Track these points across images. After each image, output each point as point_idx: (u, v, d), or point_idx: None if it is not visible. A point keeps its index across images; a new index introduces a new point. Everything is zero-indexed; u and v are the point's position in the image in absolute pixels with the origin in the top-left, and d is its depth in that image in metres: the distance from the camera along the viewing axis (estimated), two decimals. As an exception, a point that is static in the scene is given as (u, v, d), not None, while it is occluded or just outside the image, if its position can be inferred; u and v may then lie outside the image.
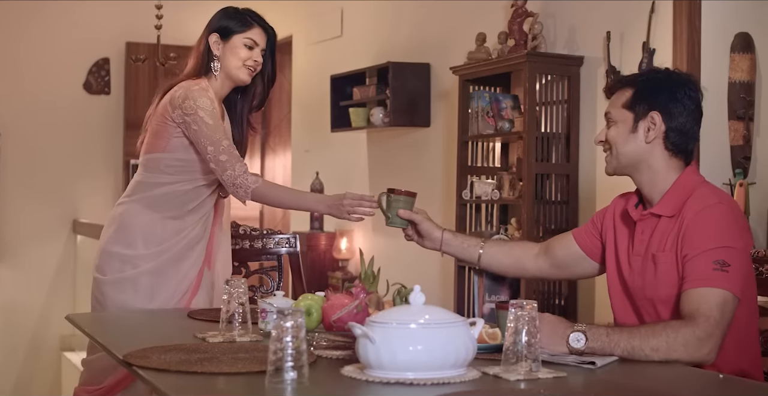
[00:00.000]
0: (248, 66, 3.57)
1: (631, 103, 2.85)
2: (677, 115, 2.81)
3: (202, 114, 3.43)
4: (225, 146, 3.43)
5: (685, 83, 2.86)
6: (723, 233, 2.68)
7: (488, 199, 5.60)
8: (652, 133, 2.82)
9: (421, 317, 2.20)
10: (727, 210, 2.73)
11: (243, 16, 3.60)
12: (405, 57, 6.72)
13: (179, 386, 2.17)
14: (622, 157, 2.88)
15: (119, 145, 8.98)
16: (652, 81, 2.88)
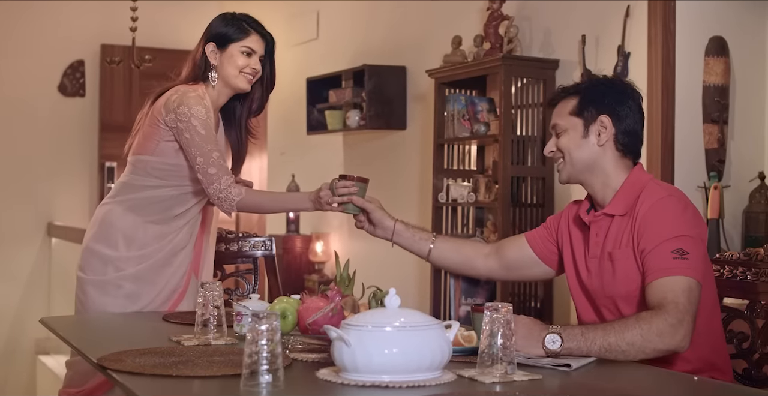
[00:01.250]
0: (246, 74, 3.53)
1: (578, 110, 2.89)
2: (625, 116, 2.87)
3: (195, 123, 3.39)
4: (215, 158, 3.38)
5: (627, 87, 2.93)
6: (677, 223, 2.71)
7: (464, 202, 5.60)
8: (604, 136, 2.87)
9: (396, 320, 2.20)
10: (677, 201, 2.77)
11: (240, 24, 3.55)
12: (381, 60, 6.73)
13: (154, 390, 2.16)
14: (576, 163, 2.91)
15: (94, 148, 8.94)
16: (595, 87, 2.94)
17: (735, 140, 4.67)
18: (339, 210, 3.32)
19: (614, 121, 2.86)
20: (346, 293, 2.65)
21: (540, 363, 2.45)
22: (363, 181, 3.33)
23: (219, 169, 3.38)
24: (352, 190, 3.29)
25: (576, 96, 2.92)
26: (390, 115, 6.63)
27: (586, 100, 2.90)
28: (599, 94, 2.90)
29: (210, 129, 3.40)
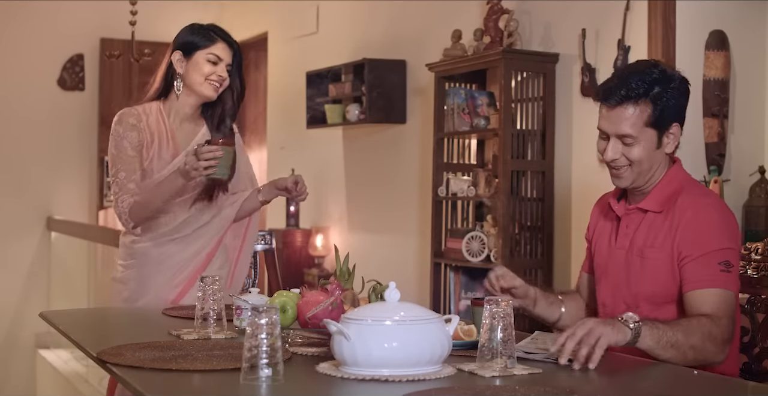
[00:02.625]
0: (212, 81, 3.54)
1: (654, 121, 2.74)
2: (685, 119, 2.83)
3: (115, 140, 3.50)
4: (120, 179, 3.47)
5: (685, 85, 2.81)
6: (723, 234, 2.70)
7: (464, 196, 5.60)
8: (672, 144, 2.80)
9: (396, 314, 2.20)
10: (722, 208, 2.75)
11: (206, 32, 3.57)
12: (381, 53, 6.72)
13: (153, 384, 2.16)
14: (645, 174, 2.81)
15: (94, 142, 8.94)
16: (665, 93, 2.75)
17: (735, 134, 4.67)
18: (206, 174, 3.30)
19: (682, 126, 2.81)
20: (345, 287, 2.65)
21: (539, 358, 2.45)
22: (229, 145, 3.30)
23: (120, 189, 3.46)
24: (217, 154, 3.26)
25: (649, 104, 2.73)
26: (390, 109, 6.62)
27: (660, 110, 2.74)
28: (670, 102, 2.75)
29: (126, 152, 3.48)
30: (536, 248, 5.28)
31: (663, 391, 2.22)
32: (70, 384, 7.34)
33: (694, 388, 2.29)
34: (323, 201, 7.56)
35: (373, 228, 6.93)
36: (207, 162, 3.25)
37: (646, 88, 2.74)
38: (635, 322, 2.45)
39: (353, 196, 7.26)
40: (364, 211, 7.12)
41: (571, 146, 5.22)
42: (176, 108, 3.59)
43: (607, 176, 2.95)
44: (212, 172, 3.29)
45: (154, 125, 3.54)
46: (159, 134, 3.54)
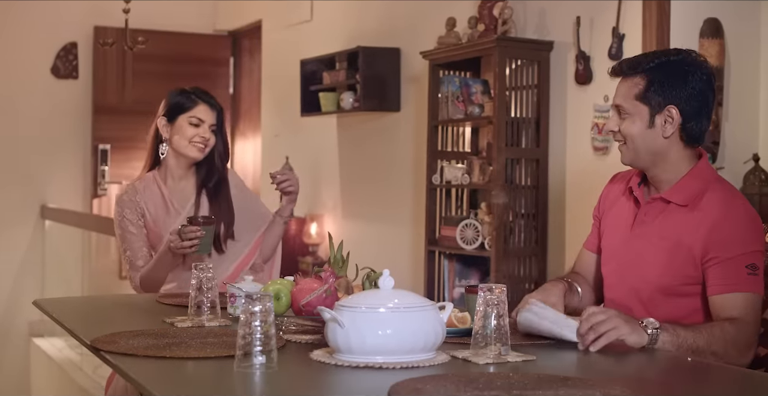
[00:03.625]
0: (195, 143, 3.70)
1: (644, 95, 2.73)
2: (693, 104, 2.72)
3: (116, 221, 3.74)
4: (128, 256, 3.70)
5: (696, 68, 2.74)
6: (751, 236, 2.68)
7: (458, 184, 5.60)
8: (670, 127, 2.72)
9: (390, 301, 2.20)
10: (750, 210, 2.73)
11: (187, 95, 3.74)
12: (375, 41, 6.71)
13: (147, 371, 2.16)
14: (640, 151, 2.77)
15: (88, 130, 8.92)
16: (663, 69, 2.73)
17: (729, 122, 4.67)
18: (190, 252, 3.50)
19: (681, 111, 2.70)
20: (339, 274, 2.65)
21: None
22: (209, 224, 3.50)
23: (130, 266, 3.71)
24: (198, 234, 3.45)
25: (643, 76, 2.73)
26: (384, 97, 6.62)
27: (653, 85, 2.71)
28: (667, 79, 2.71)
29: (127, 230, 3.71)
30: (530, 236, 5.28)
31: (658, 377, 2.22)
32: (64, 372, 7.34)
33: (688, 375, 2.29)
34: (317, 189, 7.56)
35: (368, 216, 6.93)
36: (190, 242, 3.45)
37: (645, 64, 2.74)
38: (654, 329, 2.46)
39: (347, 184, 7.25)
40: (358, 199, 7.12)
41: (566, 134, 5.22)
42: (169, 171, 3.78)
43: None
44: (194, 250, 3.49)
45: (150, 196, 3.74)
46: (155, 202, 3.74)
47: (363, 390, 2.03)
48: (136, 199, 3.73)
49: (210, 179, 3.77)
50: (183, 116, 3.71)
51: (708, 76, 2.75)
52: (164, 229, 3.70)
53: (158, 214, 3.73)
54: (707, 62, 2.80)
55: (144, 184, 3.77)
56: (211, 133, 3.72)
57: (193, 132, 3.69)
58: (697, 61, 2.76)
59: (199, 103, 3.73)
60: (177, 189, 3.78)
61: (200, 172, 3.79)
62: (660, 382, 2.15)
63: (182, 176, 3.78)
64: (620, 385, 1.92)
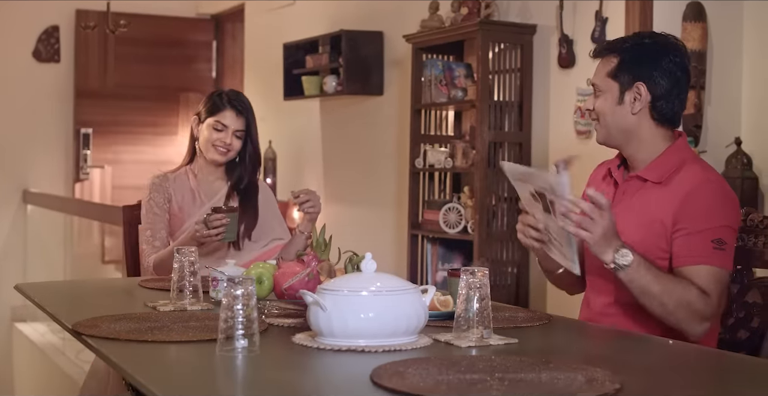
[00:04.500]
0: (217, 147, 3.79)
1: (615, 73, 2.79)
2: (663, 84, 2.76)
3: (144, 200, 3.82)
4: (146, 236, 3.77)
5: (669, 49, 2.78)
6: (721, 211, 2.69)
7: (441, 168, 5.60)
8: (638, 104, 2.76)
9: (372, 285, 2.20)
10: (722, 186, 2.74)
11: (219, 99, 3.82)
12: (358, 25, 6.69)
13: (129, 355, 2.15)
14: (611, 128, 2.82)
15: (69, 114, 8.89)
16: (636, 49, 2.79)
17: (712, 106, 4.67)
18: (216, 240, 3.55)
19: (650, 89, 2.75)
20: (322, 258, 2.65)
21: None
22: (233, 211, 3.57)
23: (147, 246, 3.76)
24: (224, 222, 3.51)
25: (616, 56, 2.80)
26: (367, 81, 6.61)
27: (624, 63, 2.78)
28: (637, 58, 2.77)
29: (151, 209, 3.79)
30: (513, 219, 5.28)
31: (639, 360, 2.22)
32: (47, 357, 7.33)
33: (669, 357, 2.30)
34: (300, 173, 7.55)
35: (351, 199, 6.93)
36: (216, 230, 3.51)
37: (621, 44, 2.82)
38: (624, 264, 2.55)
39: (330, 167, 7.25)
40: (341, 182, 7.11)
41: (549, 118, 5.22)
42: (201, 168, 3.90)
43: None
44: (221, 237, 3.55)
45: (180, 186, 3.85)
46: (184, 192, 3.85)
47: (345, 373, 2.03)
48: (166, 185, 3.84)
49: (241, 182, 3.88)
50: (210, 119, 3.79)
51: (681, 58, 2.79)
52: (188, 217, 3.81)
53: (185, 202, 3.84)
54: (683, 46, 2.83)
55: (176, 175, 3.89)
56: (235, 139, 3.80)
57: (215, 136, 3.78)
58: (671, 43, 2.81)
59: (226, 108, 3.79)
60: (206, 182, 3.89)
61: (231, 174, 3.89)
62: (642, 365, 2.16)
63: (212, 173, 3.89)
64: (602, 368, 1.93)
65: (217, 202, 3.82)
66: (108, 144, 8.99)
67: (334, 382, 1.99)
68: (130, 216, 4.07)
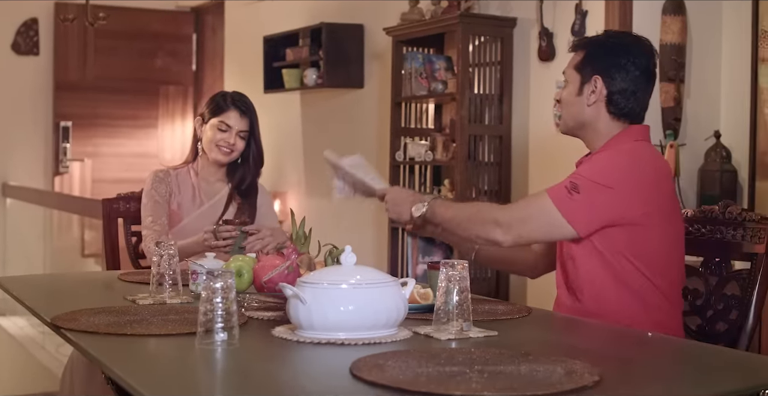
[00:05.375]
0: (221, 147, 3.83)
1: (579, 66, 2.90)
2: (619, 79, 2.84)
3: (146, 191, 3.84)
4: (147, 223, 3.78)
5: (631, 49, 2.87)
6: (602, 170, 2.75)
7: (422, 161, 5.60)
8: (593, 96, 2.85)
9: (352, 277, 2.20)
10: (627, 160, 2.77)
11: (223, 99, 3.86)
12: (338, 18, 6.68)
13: (108, 349, 2.15)
14: (568, 118, 2.93)
15: (49, 107, 8.85)
16: (601, 45, 2.90)
17: (691, 99, 4.69)
18: (224, 251, 3.53)
19: (606, 83, 2.84)
20: (302, 251, 2.65)
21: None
22: (244, 224, 3.59)
23: (148, 231, 3.77)
24: (233, 234, 3.54)
25: (583, 49, 2.92)
26: (347, 74, 6.61)
27: (587, 57, 2.89)
28: (600, 54, 2.88)
29: (153, 199, 3.81)
30: (494, 213, 5.28)
31: (618, 352, 2.23)
32: (27, 351, 7.31)
33: (648, 349, 2.30)
34: (281, 166, 7.54)
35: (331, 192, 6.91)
36: (225, 242, 3.54)
37: (590, 40, 2.96)
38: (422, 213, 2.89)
39: (311, 160, 7.24)
40: (321, 175, 7.10)
41: (529, 111, 5.22)
42: (202, 167, 3.93)
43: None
44: (228, 250, 3.53)
45: (181, 183, 3.88)
46: (185, 188, 3.88)
47: (325, 366, 2.03)
48: (168, 180, 3.87)
49: (243, 182, 3.91)
50: (214, 119, 3.83)
51: (642, 59, 2.87)
52: (186, 215, 3.83)
53: (185, 199, 3.86)
54: (650, 48, 2.91)
55: (178, 172, 3.92)
56: (239, 139, 3.84)
57: (219, 136, 3.81)
58: (635, 44, 2.90)
59: (230, 109, 3.83)
60: (207, 182, 3.92)
61: (232, 175, 3.92)
62: (621, 357, 2.17)
63: (213, 174, 3.93)
64: (581, 360, 1.93)
65: (217, 202, 3.85)
66: (88, 137, 8.97)
67: (314, 375, 1.99)
68: (109, 209, 4.06)
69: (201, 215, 3.82)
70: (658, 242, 2.76)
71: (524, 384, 1.76)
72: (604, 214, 2.72)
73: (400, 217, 2.94)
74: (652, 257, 2.76)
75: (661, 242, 2.78)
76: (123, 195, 4.11)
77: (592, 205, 2.71)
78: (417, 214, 2.88)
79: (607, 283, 2.77)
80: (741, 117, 4.54)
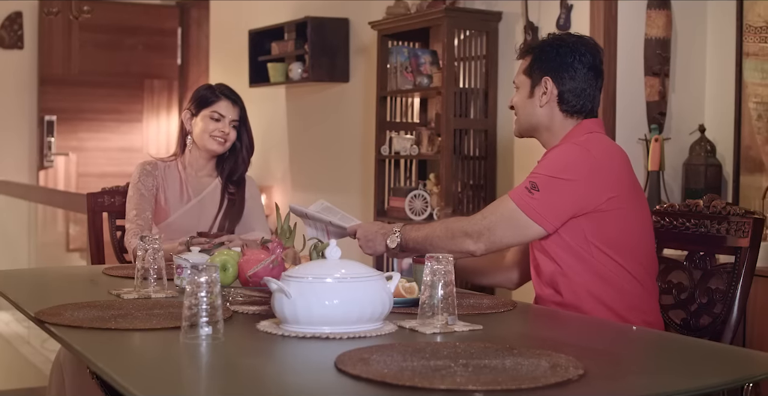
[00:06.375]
0: (216, 137, 3.85)
1: (528, 70, 2.98)
2: (568, 78, 2.91)
3: (132, 183, 3.84)
4: (130, 216, 3.79)
5: (577, 48, 2.94)
6: (555, 164, 2.79)
7: (407, 155, 5.60)
8: (545, 97, 2.93)
9: (337, 271, 2.20)
10: (579, 151, 2.80)
11: (212, 91, 3.90)
12: (324, 12, 6.67)
13: (93, 343, 2.14)
14: (522, 121, 3.00)
15: (33, 101, 8.83)
16: (546, 47, 2.96)
17: (676, 93, 4.70)
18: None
19: (557, 83, 2.91)
20: (287, 245, 2.65)
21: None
22: (217, 236, 3.55)
23: (131, 224, 3.78)
24: (207, 247, 3.47)
25: (531, 54, 2.99)
26: (333, 68, 6.60)
27: (535, 61, 2.96)
28: (546, 56, 2.94)
29: (138, 191, 3.81)
30: (479, 206, 5.28)
31: (603, 346, 2.24)
32: (12, 346, 7.29)
33: (633, 343, 2.31)
34: (266, 160, 7.53)
35: (317, 187, 6.92)
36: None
37: (535, 44, 3.01)
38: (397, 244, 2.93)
39: (296, 155, 7.23)
40: (307, 170, 7.10)
41: (514, 105, 5.22)
42: (191, 161, 3.93)
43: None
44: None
45: (169, 174, 3.90)
46: (173, 182, 3.89)
47: (310, 360, 2.03)
48: (156, 173, 3.88)
49: (235, 173, 3.95)
50: (205, 111, 3.84)
51: (589, 57, 2.94)
52: (172, 211, 3.84)
53: (171, 194, 3.87)
54: (595, 46, 2.98)
55: (166, 165, 3.93)
56: (232, 129, 3.87)
57: (213, 126, 3.83)
58: (581, 42, 2.97)
59: (221, 98, 3.86)
60: (195, 177, 3.92)
61: (223, 166, 3.95)
62: (606, 350, 2.17)
63: (202, 167, 3.94)
64: (566, 354, 1.93)
65: (205, 197, 3.87)
66: (72, 131, 8.94)
67: (299, 369, 1.99)
68: (94, 203, 4.05)
69: (187, 212, 3.83)
70: (625, 225, 2.81)
71: (509, 378, 1.76)
72: (569, 207, 2.76)
73: (376, 251, 2.98)
74: (621, 242, 2.80)
75: (627, 225, 2.81)
76: (108, 189, 4.11)
77: (554, 201, 2.76)
78: (393, 246, 2.93)
79: (580, 274, 2.79)
80: (726, 111, 4.54)
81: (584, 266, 2.78)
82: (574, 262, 2.79)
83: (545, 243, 2.83)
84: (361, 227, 3.03)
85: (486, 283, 3.33)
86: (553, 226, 2.76)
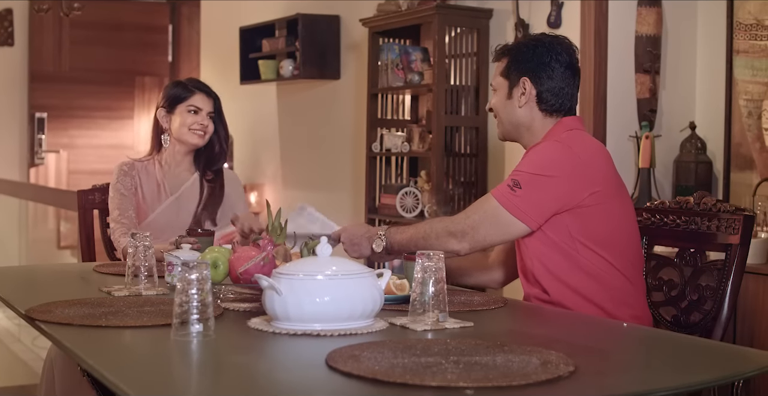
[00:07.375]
0: (196, 130, 3.88)
1: (505, 71, 3.00)
2: (546, 77, 2.93)
3: (112, 184, 3.86)
4: (114, 216, 3.81)
5: (554, 45, 2.95)
6: (537, 162, 2.81)
7: (398, 152, 5.60)
8: (524, 97, 2.95)
9: (328, 269, 2.20)
10: (560, 147, 2.82)
11: (184, 86, 3.94)
12: (315, 9, 6.67)
13: (83, 340, 2.14)
14: (504, 122, 3.02)
15: (24, 98, 8.81)
16: (522, 48, 2.98)
17: (666, 90, 4.70)
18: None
19: (535, 83, 2.93)
20: (277, 242, 2.64)
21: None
22: (208, 236, 3.50)
23: (115, 224, 3.79)
24: (195, 247, 3.43)
25: (507, 56, 3.01)
26: (324, 65, 6.60)
27: (511, 62, 2.98)
28: (523, 57, 2.96)
29: (119, 192, 3.83)
30: (470, 204, 5.27)
31: (593, 343, 2.24)
32: (2, 343, 7.27)
33: (623, 340, 2.32)
34: (257, 158, 7.53)
35: (308, 184, 6.92)
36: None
37: (511, 46, 3.03)
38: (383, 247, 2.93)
39: (287, 152, 7.23)
40: (298, 167, 7.10)
41: (505, 102, 5.22)
42: (167, 158, 3.95)
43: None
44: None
45: (145, 173, 3.91)
46: (150, 183, 3.90)
47: (301, 357, 2.03)
48: (133, 173, 3.89)
49: (212, 164, 3.97)
50: (181, 106, 3.87)
51: (565, 56, 2.96)
52: (151, 209, 3.85)
53: (150, 193, 3.89)
54: (570, 45, 3.00)
55: (144, 164, 3.94)
56: (210, 121, 3.90)
57: (192, 119, 3.86)
58: (556, 41, 2.99)
59: (195, 92, 3.90)
60: (172, 174, 3.94)
61: (200, 158, 3.96)
62: (596, 347, 2.18)
63: (179, 163, 3.95)
64: (557, 351, 1.94)
65: (183, 192, 3.88)
66: (63, 128, 8.93)
67: (290, 366, 1.99)
68: (85, 201, 4.05)
69: (166, 210, 3.85)
70: (609, 221, 2.82)
71: (500, 374, 1.76)
72: (552, 204, 2.77)
73: (362, 254, 3.00)
74: (606, 237, 2.80)
75: (611, 220, 2.82)
76: (98, 186, 4.10)
77: (537, 198, 2.76)
78: (379, 250, 2.94)
79: (566, 272, 2.79)
80: (716, 108, 4.55)
81: (570, 264, 2.79)
82: (560, 259, 2.79)
83: (529, 240, 2.83)
84: (346, 231, 3.02)
85: (470, 283, 3.32)
86: (536, 223, 2.77)
